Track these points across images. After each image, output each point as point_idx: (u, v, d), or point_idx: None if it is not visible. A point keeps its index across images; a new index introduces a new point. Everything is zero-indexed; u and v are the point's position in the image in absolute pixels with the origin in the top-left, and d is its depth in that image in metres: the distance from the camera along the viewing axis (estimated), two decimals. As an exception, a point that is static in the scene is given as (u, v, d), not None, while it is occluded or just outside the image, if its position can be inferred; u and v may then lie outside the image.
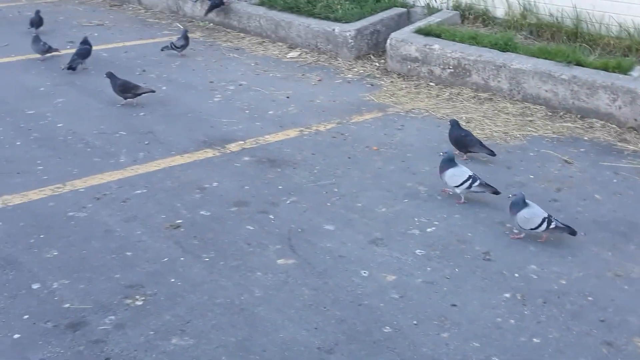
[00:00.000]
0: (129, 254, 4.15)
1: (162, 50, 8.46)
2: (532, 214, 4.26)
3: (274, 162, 5.51)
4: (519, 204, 4.31)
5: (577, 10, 7.32)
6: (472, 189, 4.73)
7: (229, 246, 4.27)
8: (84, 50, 7.81)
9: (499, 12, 8.10)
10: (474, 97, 7.01)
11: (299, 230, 4.48)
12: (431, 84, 7.47)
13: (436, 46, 7.47)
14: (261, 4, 9.68)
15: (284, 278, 3.94)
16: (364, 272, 4.01)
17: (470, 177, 4.70)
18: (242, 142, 5.92)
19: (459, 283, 3.91)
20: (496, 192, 4.76)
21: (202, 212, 4.69)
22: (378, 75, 7.83)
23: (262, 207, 4.78)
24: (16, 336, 3.40)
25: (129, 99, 6.68)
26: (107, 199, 4.82)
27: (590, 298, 3.78)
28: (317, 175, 5.30)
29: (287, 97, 7.08)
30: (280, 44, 9.11)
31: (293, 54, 8.72)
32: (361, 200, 4.90)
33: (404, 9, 8.82)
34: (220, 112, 6.63)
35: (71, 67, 7.41)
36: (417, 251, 4.24)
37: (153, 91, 6.82)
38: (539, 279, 3.96)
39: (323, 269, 4.04)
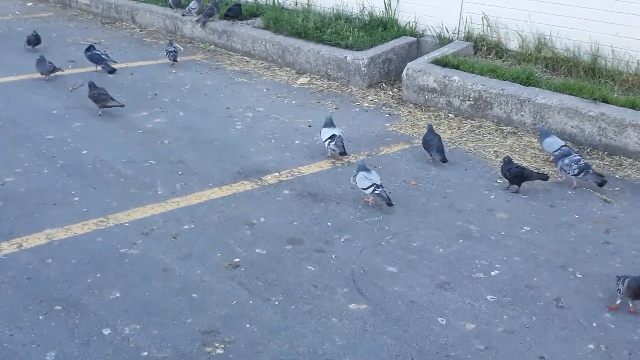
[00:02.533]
0: (194, 295, 3.97)
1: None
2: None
3: (316, 197, 5.38)
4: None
5: (595, 46, 7.39)
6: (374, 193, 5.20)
7: (296, 288, 4.12)
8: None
9: (513, 44, 8.14)
10: (497, 130, 7.01)
11: (362, 271, 4.36)
12: (450, 115, 7.45)
13: (456, 78, 7.46)
14: (266, 27, 9.56)
15: (361, 325, 3.82)
16: (441, 320, 3.91)
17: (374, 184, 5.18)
18: (277, 173, 5.77)
19: (540, 333, 3.84)
20: (390, 204, 5.13)
21: (257, 250, 4.53)
22: (394, 105, 7.78)
23: (317, 245, 4.65)
24: (101, 390, 3.19)
25: (103, 109, 6.90)
26: (156, 234, 4.63)
27: (674, 349, 3.74)
28: (363, 211, 5.19)
29: (309, 126, 6.96)
30: (287, 69, 9.01)
31: (303, 80, 8.62)
32: (415, 239, 4.81)
33: (414, 38, 8.81)
34: (246, 141, 6.48)
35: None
36: (489, 297, 4.17)
37: (122, 105, 6.91)
38: (617, 328, 3.92)
39: (398, 315, 3.93)
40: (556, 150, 5.92)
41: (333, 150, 6.06)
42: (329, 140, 6.02)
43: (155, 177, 5.51)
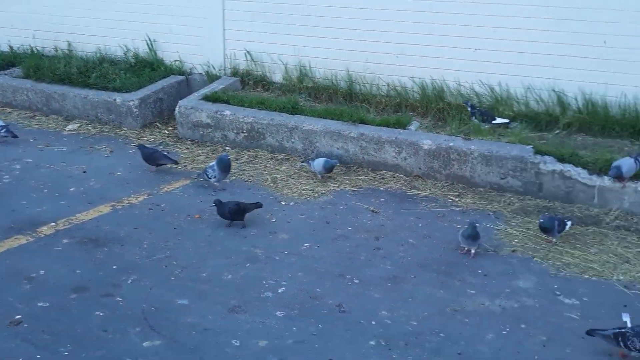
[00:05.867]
0: (-26, 361, 3.73)
1: None
2: None
3: (98, 242, 5.30)
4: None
5: (349, 73, 8.05)
6: None
7: (85, 335, 4.04)
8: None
9: (277, 77, 8.59)
10: (272, 158, 7.34)
11: (153, 309, 4.38)
12: (227, 148, 7.66)
13: (227, 112, 7.71)
14: (26, 76, 9.18)
15: (157, 360, 3.84)
16: (235, 342, 4.06)
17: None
18: (54, 223, 5.59)
19: (327, 338, 4.13)
20: None
21: (40, 304, 4.37)
22: (171, 143, 7.85)
23: (104, 290, 4.58)
24: None
25: None
26: None
27: (442, 334, 4.21)
28: (149, 250, 5.20)
29: (84, 172, 6.81)
30: (54, 116, 8.71)
31: (72, 126, 8.39)
32: (204, 269, 4.92)
33: (183, 77, 8.96)
34: (16, 193, 6.18)
35: None
36: (278, 313, 4.39)
37: None
38: (393, 323, 4.33)
39: (193, 345, 4.01)
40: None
41: (4, 136, 7.44)
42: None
43: None
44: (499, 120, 6.95)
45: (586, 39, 6.84)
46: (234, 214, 5.58)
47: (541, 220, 5.22)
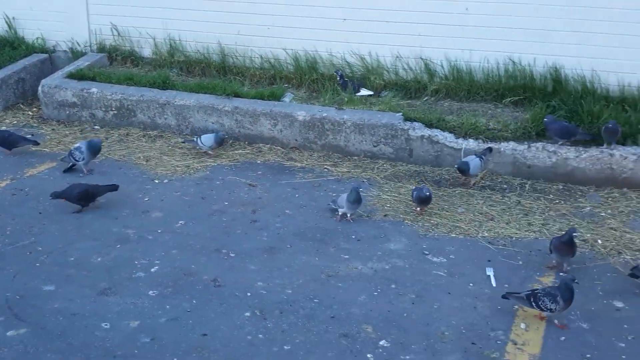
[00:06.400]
0: None
1: None
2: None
3: (-45, 232, 4.99)
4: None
5: (222, 46, 7.92)
6: None
7: (-59, 331, 3.80)
8: None
9: (146, 52, 8.34)
10: (144, 135, 7.15)
11: (17, 297, 4.19)
12: (96, 127, 7.39)
13: (94, 89, 7.43)
14: None
15: (22, 349, 3.69)
16: (105, 324, 3.95)
17: None
18: None
19: (201, 313, 4.09)
20: None
21: None
22: (35, 125, 7.48)
23: (-38, 281, 4.32)
24: None
25: None
26: None
27: (316, 300, 4.26)
28: (12, 236, 4.96)
29: (-64, 159, 6.38)
30: None
31: None
32: (72, 253, 4.74)
33: (46, 55, 8.55)
34: None
35: None
36: (150, 292, 4.30)
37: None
38: (269, 293, 4.34)
39: (60, 330, 3.87)
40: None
41: None
42: None
43: None
44: (363, 92, 7.05)
45: (449, 7, 7.04)
46: (81, 199, 5.36)
47: (427, 193, 5.22)
